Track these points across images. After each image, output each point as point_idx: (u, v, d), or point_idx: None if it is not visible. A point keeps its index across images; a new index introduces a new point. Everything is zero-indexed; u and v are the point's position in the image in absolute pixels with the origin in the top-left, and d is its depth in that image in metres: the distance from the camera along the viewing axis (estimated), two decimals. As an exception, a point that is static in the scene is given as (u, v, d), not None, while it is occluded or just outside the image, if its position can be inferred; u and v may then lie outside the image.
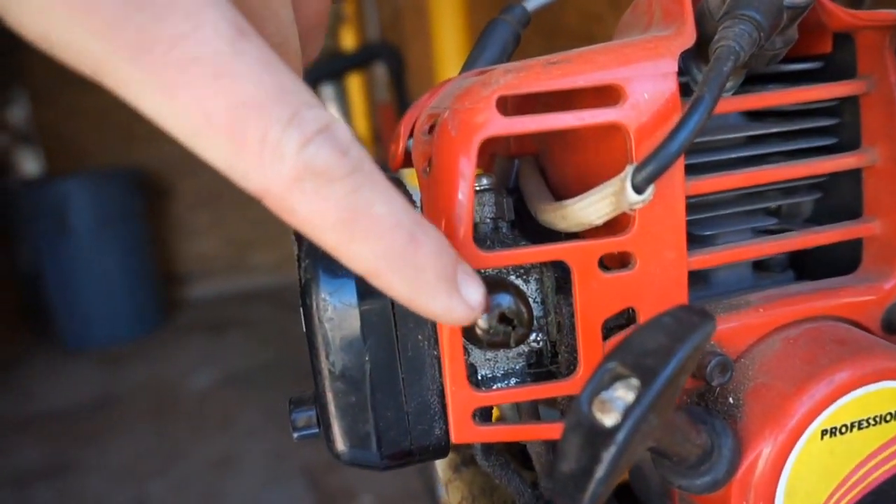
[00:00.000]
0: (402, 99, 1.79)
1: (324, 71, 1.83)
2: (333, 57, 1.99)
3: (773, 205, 0.28)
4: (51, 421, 2.39)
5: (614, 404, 0.19)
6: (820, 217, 0.29)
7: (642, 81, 0.23)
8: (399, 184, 0.28)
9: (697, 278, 0.28)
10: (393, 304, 0.25)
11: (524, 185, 0.30)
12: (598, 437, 0.19)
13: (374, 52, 1.94)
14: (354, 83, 2.35)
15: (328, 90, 2.34)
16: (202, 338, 2.98)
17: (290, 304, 3.18)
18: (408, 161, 0.32)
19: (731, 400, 0.24)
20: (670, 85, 0.23)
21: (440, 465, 0.35)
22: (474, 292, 0.20)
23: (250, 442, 2.12)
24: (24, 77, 3.03)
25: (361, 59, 1.93)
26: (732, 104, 0.25)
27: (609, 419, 0.19)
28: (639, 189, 0.21)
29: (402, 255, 0.19)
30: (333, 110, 2.02)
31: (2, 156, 3.07)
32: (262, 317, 3.12)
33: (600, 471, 0.19)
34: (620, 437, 0.19)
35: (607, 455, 0.19)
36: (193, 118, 0.17)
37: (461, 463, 0.34)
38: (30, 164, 3.17)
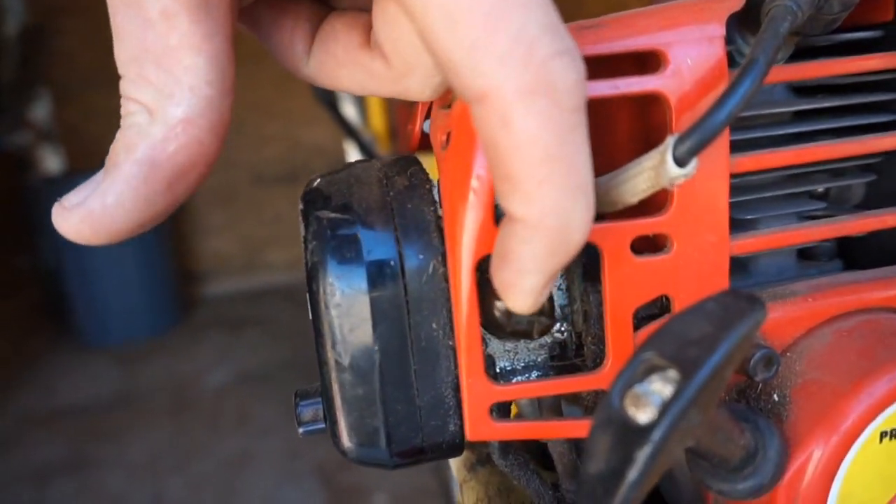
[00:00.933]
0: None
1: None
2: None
3: (820, 188, 0.26)
4: (70, 417, 2.41)
5: (650, 399, 0.17)
6: (872, 201, 0.27)
7: (686, 46, 0.21)
8: (416, 162, 0.26)
9: (737, 266, 0.26)
10: (406, 290, 0.23)
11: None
12: (631, 435, 0.17)
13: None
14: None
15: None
16: (218, 336, 2.99)
17: (306, 303, 3.17)
18: (424, 143, 0.30)
19: (775, 397, 0.22)
20: (717, 50, 0.21)
21: (454, 464, 0.33)
22: (546, 295, 0.19)
23: (266, 440, 2.12)
24: (47, 77, 3.07)
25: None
26: (782, 73, 0.23)
27: (644, 415, 0.17)
28: (681, 162, 0.19)
29: (569, 221, 0.17)
30: (350, 106, 2.01)
31: (24, 153, 3.10)
32: (277, 315, 3.13)
33: (633, 473, 0.17)
34: (657, 435, 0.17)
35: (641, 455, 0.17)
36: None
37: (477, 462, 0.32)
38: (51, 161, 3.21)
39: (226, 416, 2.30)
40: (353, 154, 2.23)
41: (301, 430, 0.26)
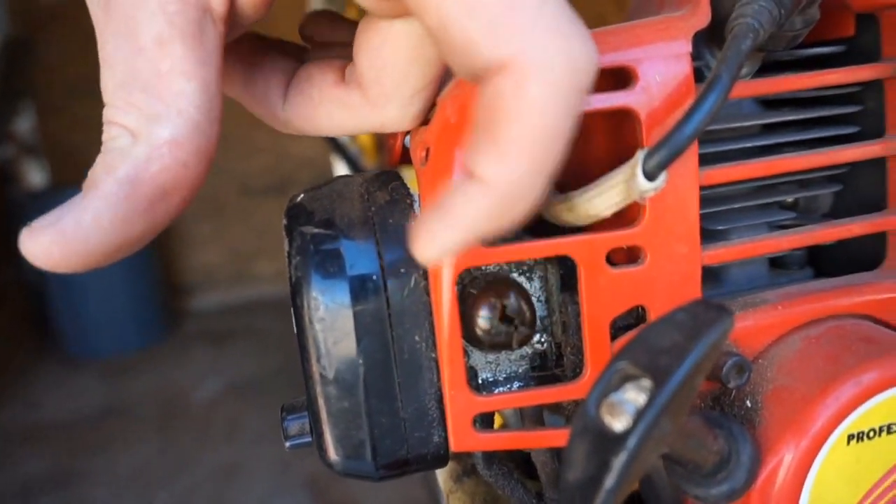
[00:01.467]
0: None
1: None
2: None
3: (789, 198, 0.27)
4: (56, 431, 2.38)
5: (624, 407, 0.18)
6: (840, 211, 0.27)
7: (654, 63, 0.22)
8: (397, 178, 0.27)
9: (709, 276, 0.27)
10: (388, 303, 0.23)
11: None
12: (607, 442, 0.18)
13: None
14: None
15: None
16: (207, 348, 2.98)
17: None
18: (406, 157, 0.31)
19: (748, 403, 0.23)
20: (684, 67, 0.22)
21: (441, 476, 0.33)
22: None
23: (256, 451, 2.11)
24: (31, 89, 3.05)
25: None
26: (748, 88, 0.24)
27: (619, 423, 0.18)
28: (650, 176, 0.20)
29: (522, 197, 0.18)
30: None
31: (8, 167, 3.08)
32: (266, 326, 3.11)
33: (610, 480, 0.17)
34: (631, 442, 0.17)
35: (617, 462, 0.17)
36: None
37: (462, 473, 0.32)
38: (35, 175, 3.18)
39: (215, 428, 2.28)
40: (339, 166, 2.22)
41: (288, 444, 0.26)
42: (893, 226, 0.25)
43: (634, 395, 0.18)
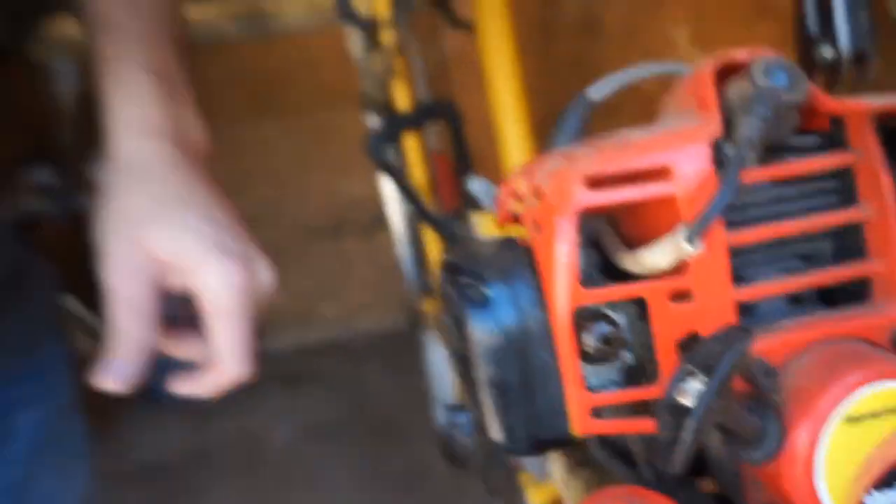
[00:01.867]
0: (461, 152, 1.90)
1: (386, 135, 1.96)
2: (392, 119, 2.12)
3: (799, 250, 0.38)
4: (143, 475, 2.44)
5: (690, 392, 0.29)
6: (838, 258, 0.37)
7: (686, 161, 0.33)
8: (517, 244, 0.38)
9: (744, 309, 0.37)
10: (525, 331, 0.35)
11: (603, 238, 0.41)
12: (682, 413, 0.29)
13: (433, 111, 2.06)
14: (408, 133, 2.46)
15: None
16: (279, 390, 3.05)
17: (360, 356, 3.22)
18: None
19: (775, 398, 0.33)
20: (706, 164, 0.33)
21: (555, 467, 0.45)
22: None
23: (337, 496, 2.13)
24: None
25: (420, 119, 2.06)
26: (756, 175, 0.34)
27: (688, 402, 0.29)
28: (690, 243, 0.31)
29: None
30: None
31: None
32: (333, 369, 3.16)
33: (686, 436, 0.29)
34: (697, 412, 0.29)
35: (689, 424, 0.29)
36: None
37: (575, 464, 0.45)
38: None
39: (295, 471, 2.30)
40: (392, 204, 2.32)
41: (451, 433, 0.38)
42: (873, 271, 0.35)
43: (696, 385, 0.29)
